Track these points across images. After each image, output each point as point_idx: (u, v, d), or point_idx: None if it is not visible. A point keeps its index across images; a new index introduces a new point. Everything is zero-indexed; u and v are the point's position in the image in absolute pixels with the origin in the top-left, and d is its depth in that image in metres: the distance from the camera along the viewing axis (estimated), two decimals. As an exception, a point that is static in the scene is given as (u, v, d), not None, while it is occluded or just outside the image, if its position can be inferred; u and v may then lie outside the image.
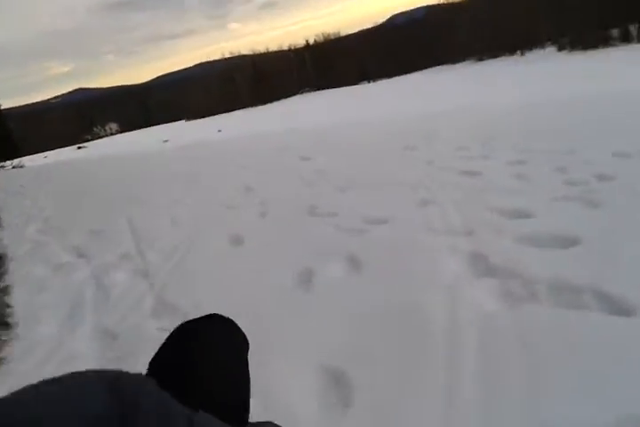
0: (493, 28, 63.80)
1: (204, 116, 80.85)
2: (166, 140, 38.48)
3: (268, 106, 73.85)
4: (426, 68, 78.08)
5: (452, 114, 13.30)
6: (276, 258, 3.60)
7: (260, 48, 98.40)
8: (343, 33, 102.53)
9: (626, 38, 50.25)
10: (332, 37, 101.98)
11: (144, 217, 5.90)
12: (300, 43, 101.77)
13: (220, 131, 41.12)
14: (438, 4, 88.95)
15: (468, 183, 4.91)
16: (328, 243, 3.70)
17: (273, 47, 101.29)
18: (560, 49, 56.32)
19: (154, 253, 4.31)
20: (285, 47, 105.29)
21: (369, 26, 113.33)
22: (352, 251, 3.41)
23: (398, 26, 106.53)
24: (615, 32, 51.34)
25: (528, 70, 40.77)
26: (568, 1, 51.78)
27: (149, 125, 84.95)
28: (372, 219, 4.18)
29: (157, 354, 0.89)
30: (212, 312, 1.00)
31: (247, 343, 0.99)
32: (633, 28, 50.12)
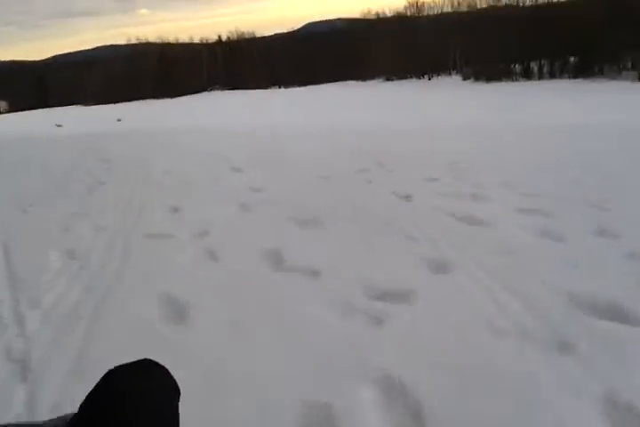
0: (405, 50, 64.99)
1: (102, 103, 75.79)
2: (60, 125, 35.14)
3: (175, 100, 70.34)
4: (336, 80, 78.06)
5: (386, 132, 12.35)
6: (246, 367, 2.18)
7: (170, 37, 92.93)
8: (258, 34, 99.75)
9: (527, 74, 52.63)
10: (247, 36, 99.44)
11: (25, 243, 4.22)
12: (213, 37, 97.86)
13: (119, 120, 38.32)
14: (356, 19, 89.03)
15: (482, 237, 3.74)
16: (329, 339, 2.34)
17: (183, 38, 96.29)
18: (465, 78, 58.34)
19: (39, 320, 2.73)
20: (196, 40, 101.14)
21: (284, 30, 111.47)
22: (380, 365, 2.08)
23: (313, 34, 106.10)
24: (518, 67, 53.73)
25: (441, 95, 41.27)
26: (476, 35, 53.71)
27: (44, 107, 78.21)
28: (377, 289, 2.86)
29: (86, 399, 0.80)
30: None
31: (178, 391, 0.89)
32: (534, 65, 52.65)
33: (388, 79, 70.87)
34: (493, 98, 31.51)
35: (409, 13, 71.53)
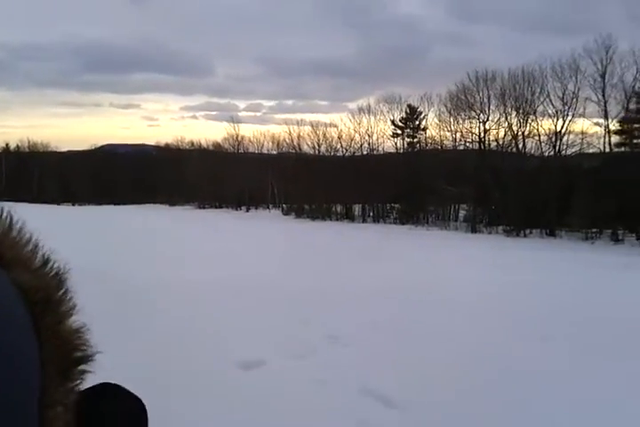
0: (220, 181, 62.77)
1: None
2: None
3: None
4: (139, 203, 72.57)
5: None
6: None
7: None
8: (51, 148, 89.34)
9: (349, 216, 52.85)
10: (39, 149, 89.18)
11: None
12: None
13: None
14: (168, 145, 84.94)
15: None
16: None
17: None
18: (285, 214, 57.35)
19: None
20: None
21: (82, 148, 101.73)
22: None
23: (115, 155, 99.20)
24: (340, 208, 54.00)
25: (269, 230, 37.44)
26: (297, 176, 53.74)
27: None
28: None
29: None
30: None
31: (145, 412, 0.76)
32: (356, 207, 53.33)
33: (200, 207, 67.24)
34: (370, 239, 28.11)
35: (227, 146, 70.12)
